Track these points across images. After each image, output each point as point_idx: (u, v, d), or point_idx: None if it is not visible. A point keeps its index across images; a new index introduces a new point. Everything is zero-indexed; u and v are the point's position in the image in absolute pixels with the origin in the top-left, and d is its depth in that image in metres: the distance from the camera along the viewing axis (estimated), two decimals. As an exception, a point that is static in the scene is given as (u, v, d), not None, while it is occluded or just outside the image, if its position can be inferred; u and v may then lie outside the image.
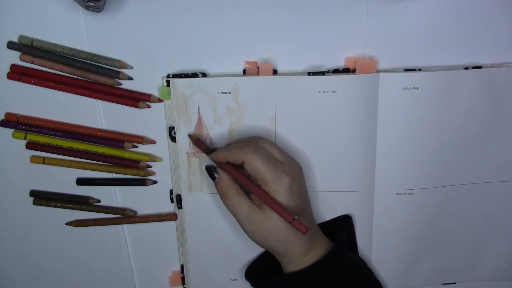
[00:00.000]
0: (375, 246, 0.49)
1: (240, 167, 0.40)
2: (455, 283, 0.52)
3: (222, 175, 0.40)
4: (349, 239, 0.47)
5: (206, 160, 0.45)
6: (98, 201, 0.47)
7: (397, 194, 0.47)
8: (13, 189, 0.47)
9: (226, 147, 0.41)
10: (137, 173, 0.46)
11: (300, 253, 0.40)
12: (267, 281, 0.43)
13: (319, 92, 0.43)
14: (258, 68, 0.43)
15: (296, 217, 0.36)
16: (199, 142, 0.44)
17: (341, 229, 0.45)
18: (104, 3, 0.40)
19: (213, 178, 0.40)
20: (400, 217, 0.47)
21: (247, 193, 0.40)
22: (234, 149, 0.39)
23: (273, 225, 0.38)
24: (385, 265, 0.49)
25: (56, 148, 0.45)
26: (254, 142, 0.40)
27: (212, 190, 0.46)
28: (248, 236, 0.40)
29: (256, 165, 0.38)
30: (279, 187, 0.38)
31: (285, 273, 0.42)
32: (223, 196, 0.40)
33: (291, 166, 0.40)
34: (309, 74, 0.44)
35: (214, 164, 0.41)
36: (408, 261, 0.50)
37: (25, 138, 0.45)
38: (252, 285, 0.46)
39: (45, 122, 0.44)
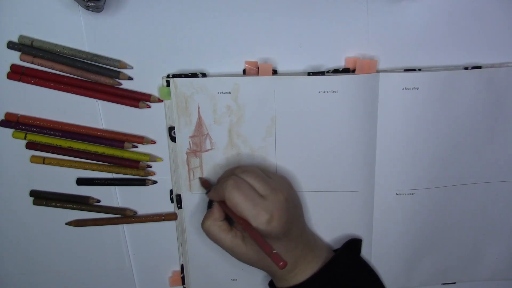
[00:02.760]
0: (375, 246, 0.49)
1: None
2: (454, 283, 0.52)
3: (214, 210, 0.42)
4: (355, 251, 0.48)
5: (207, 162, 0.45)
6: (98, 201, 0.48)
7: (397, 194, 0.47)
8: (13, 189, 0.47)
9: (215, 186, 0.42)
10: (137, 173, 0.46)
11: (283, 273, 0.43)
12: None
13: (319, 92, 0.43)
14: (258, 68, 0.43)
15: (274, 251, 0.35)
16: (206, 183, 0.46)
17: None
18: (104, 3, 0.40)
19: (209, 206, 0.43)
20: (400, 217, 0.47)
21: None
22: (218, 186, 0.41)
23: (255, 256, 0.41)
24: (385, 265, 0.49)
25: (56, 148, 0.45)
26: (235, 175, 0.41)
27: (212, 190, 0.46)
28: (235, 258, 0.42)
29: (234, 202, 0.38)
30: (258, 224, 0.38)
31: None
32: (206, 230, 0.42)
33: (274, 199, 0.39)
34: (309, 74, 0.44)
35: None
36: (408, 261, 0.50)
37: (25, 138, 0.45)
38: None
39: (45, 122, 0.44)
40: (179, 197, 0.47)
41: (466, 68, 0.44)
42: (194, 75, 0.43)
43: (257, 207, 0.38)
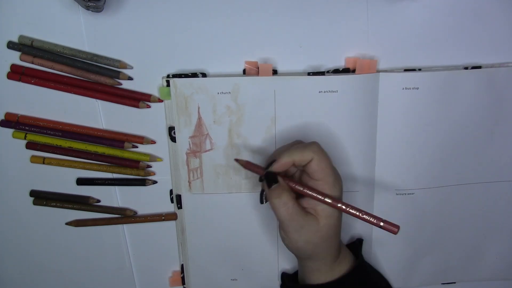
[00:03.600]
0: (375, 246, 0.49)
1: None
2: (454, 282, 0.52)
3: (282, 182, 0.38)
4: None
5: (207, 162, 0.45)
6: (98, 201, 0.47)
7: (397, 194, 0.47)
8: (13, 189, 0.47)
9: (285, 153, 0.38)
10: (137, 173, 0.46)
11: (331, 260, 0.40)
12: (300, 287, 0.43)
13: (319, 92, 0.43)
14: (258, 68, 0.43)
15: (383, 219, 0.35)
16: (250, 164, 0.41)
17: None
18: (104, 3, 0.40)
19: (270, 185, 0.38)
20: (400, 217, 0.47)
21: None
22: (298, 150, 0.37)
23: (327, 233, 0.38)
24: (385, 265, 0.49)
25: (56, 148, 0.45)
26: (314, 143, 0.39)
27: (212, 190, 0.46)
28: (287, 239, 0.38)
29: (324, 164, 0.37)
30: (336, 191, 0.37)
31: (318, 284, 0.41)
32: (279, 203, 0.37)
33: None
34: (309, 74, 0.44)
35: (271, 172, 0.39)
36: (408, 261, 0.50)
37: (25, 138, 0.45)
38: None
39: (45, 122, 0.44)
40: (179, 197, 0.47)
41: (466, 68, 0.44)
42: (194, 75, 0.43)
43: (336, 172, 0.38)
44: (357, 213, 0.36)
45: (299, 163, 0.38)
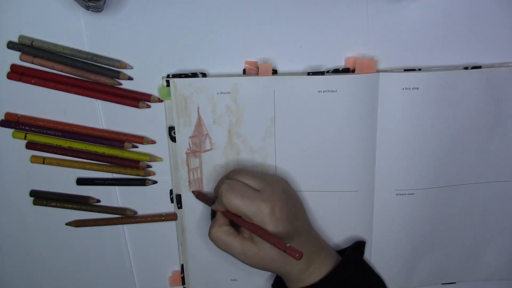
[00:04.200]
0: (375, 246, 0.49)
1: None
2: (454, 282, 0.52)
3: (216, 218, 0.41)
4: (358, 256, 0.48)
5: (207, 162, 0.45)
6: (98, 201, 0.48)
7: (397, 194, 0.47)
8: (13, 189, 0.47)
9: (217, 201, 0.41)
10: (137, 173, 0.46)
11: (298, 272, 0.42)
12: None
13: (319, 92, 0.43)
14: (258, 68, 0.43)
15: (288, 244, 0.36)
16: (201, 196, 0.45)
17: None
18: (104, 3, 0.40)
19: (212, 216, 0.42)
20: (400, 217, 0.47)
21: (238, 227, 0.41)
22: (218, 195, 0.40)
23: (268, 254, 0.40)
24: (385, 265, 0.49)
25: (56, 148, 0.45)
26: (228, 178, 0.41)
27: (212, 190, 0.46)
28: (247, 265, 0.41)
29: (233, 203, 0.38)
30: (262, 218, 0.38)
31: None
32: (214, 238, 0.41)
33: (270, 190, 0.39)
34: (308, 74, 0.44)
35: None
36: (408, 261, 0.50)
37: (25, 138, 0.45)
38: None
39: (45, 122, 0.44)
40: (179, 197, 0.47)
41: (466, 68, 0.44)
42: (194, 75, 0.43)
43: (256, 200, 0.38)
44: (263, 235, 0.38)
45: (224, 209, 0.40)
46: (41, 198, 0.47)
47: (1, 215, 0.48)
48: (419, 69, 0.44)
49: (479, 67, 0.44)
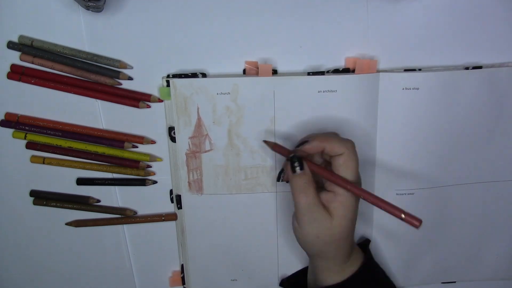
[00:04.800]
0: (375, 246, 0.49)
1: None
2: (455, 282, 0.52)
3: (307, 170, 0.37)
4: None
5: (207, 162, 0.45)
6: (98, 201, 0.48)
7: (397, 194, 0.47)
8: (13, 189, 0.47)
9: (319, 138, 0.38)
10: (137, 173, 0.46)
11: (341, 260, 0.40)
12: None
13: (319, 92, 0.43)
14: (258, 68, 0.43)
15: (404, 210, 0.34)
16: (277, 147, 0.41)
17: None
18: (104, 3, 0.40)
19: (294, 170, 0.37)
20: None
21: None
22: (333, 140, 0.37)
23: (339, 232, 0.37)
24: (385, 264, 0.49)
25: (56, 148, 0.45)
26: (350, 141, 0.38)
27: (211, 191, 0.46)
28: (298, 229, 0.38)
29: (352, 163, 0.37)
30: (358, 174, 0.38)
31: (328, 286, 0.40)
32: (301, 190, 0.37)
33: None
34: (308, 74, 0.44)
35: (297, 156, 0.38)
36: (408, 260, 0.50)
37: (25, 138, 0.45)
38: None
39: (45, 122, 0.44)
40: (179, 197, 0.47)
41: (467, 68, 0.44)
42: (194, 75, 0.43)
43: (359, 176, 0.38)
44: (377, 201, 0.35)
45: (328, 153, 0.37)
46: (41, 198, 0.47)
47: (1, 215, 0.48)
48: (419, 69, 0.44)
49: (479, 67, 0.44)
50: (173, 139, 0.45)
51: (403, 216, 0.34)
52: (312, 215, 0.37)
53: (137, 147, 0.46)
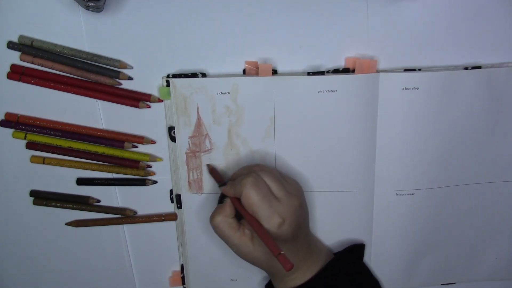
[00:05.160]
0: (375, 246, 0.49)
1: None
2: (454, 283, 0.52)
3: (226, 204, 0.41)
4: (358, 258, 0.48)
5: (207, 162, 0.45)
6: (98, 201, 0.48)
7: (397, 194, 0.47)
8: (13, 189, 0.47)
9: (232, 182, 0.41)
10: (137, 173, 0.46)
11: (283, 275, 0.42)
12: None
13: (319, 92, 0.43)
14: (258, 68, 0.43)
15: (282, 252, 0.35)
16: (214, 172, 0.45)
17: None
18: (104, 3, 0.40)
19: (221, 201, 0.42)
20: (400, 217, 0.47)
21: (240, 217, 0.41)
22: (236, 182, 0.40)
23: (261, 256, 0.40)
24: (384, 265, 0.49)
25: (56, 148, 0.45)
26: (255, 172, 0.40)
27: (211, 190, 0.46)
28: (238, 255, 0.41)
29: (251, 199, 0.38)
30: (269, 226, 0.38)
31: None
32: (215, 226, 0.40)
33: (288, 204, 0.39)
34: (308, 74, 0.44)
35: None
36: (407, 261, 0.50)
37: (25, 138, 0.45)
38: None
39: (45, 122, 0.44)
40: (179, 197, 0.47)
41: (466, 68, 0.44)
42: (194, 75, 0.43)
43: (272, 209, 0.38)
44: (264, 238, 0.37)
45: (237, 196, 0.40)
46: (41, 198, 0.47)
47: (1, 215, 0.48)
48: (419, 69, 0.44)
49: (479, 67, 0.44)
50: (173, 139, 0.45)
51: (277, 256, 0.36)
52: (232, 242, 0.40)
53: (137, 147, 0.46)
